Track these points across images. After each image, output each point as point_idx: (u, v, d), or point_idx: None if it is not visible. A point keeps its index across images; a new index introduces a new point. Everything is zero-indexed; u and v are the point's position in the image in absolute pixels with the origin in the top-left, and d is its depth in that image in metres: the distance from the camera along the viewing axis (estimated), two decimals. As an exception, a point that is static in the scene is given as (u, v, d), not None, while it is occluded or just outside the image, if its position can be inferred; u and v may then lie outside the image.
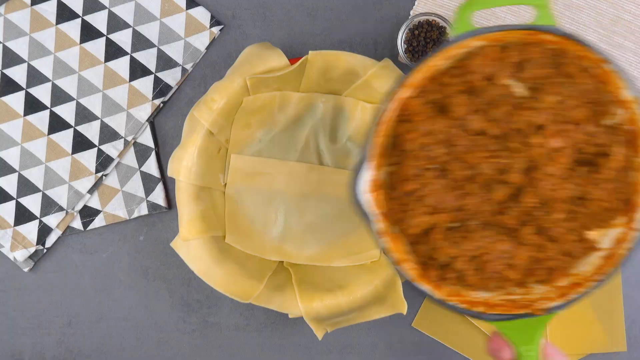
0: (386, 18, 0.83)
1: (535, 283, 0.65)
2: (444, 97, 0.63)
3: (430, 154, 0.63)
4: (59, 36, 0.83)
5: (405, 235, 0.64)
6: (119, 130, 0.83)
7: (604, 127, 0.64)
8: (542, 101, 0.64)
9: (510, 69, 0.64)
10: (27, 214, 0.82)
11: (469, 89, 0.64)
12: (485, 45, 0.62)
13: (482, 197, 0.63)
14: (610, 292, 0.82)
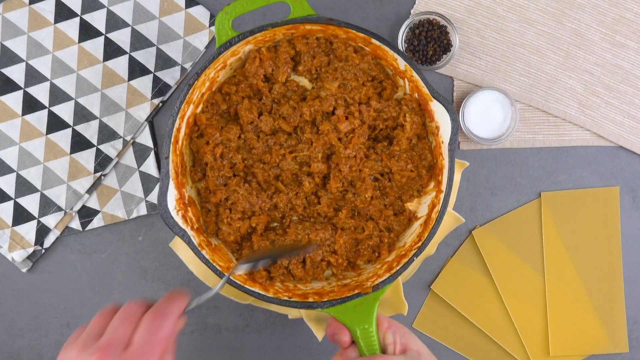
0: (386, 17, 0.83)
1: (365, 263, 0.67)
2: (232, 106, 0.66)
3: (230, 162, 0.66)
4: (57, 35, 0.83)
5: (226, 244, 0.67)
6: (118, 130, 0.83)
7: (392, 100, 0.68)
8: (326, 89, 0.67)
9: (286, 65, 0.67)
10: (25, 214, 0.82)
11: (254, 92, 0.68)
12: (257, 48, 0.65)
13: (292, 192, 0.66)
14: (612, 293, 0.82)
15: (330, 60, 0.68)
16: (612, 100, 0.83)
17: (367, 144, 0.68)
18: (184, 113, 0.65)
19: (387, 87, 0.69)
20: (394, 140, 0.67)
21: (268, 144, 0.68)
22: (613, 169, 0.83)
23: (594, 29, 0.83)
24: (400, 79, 0.68)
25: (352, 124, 0.67)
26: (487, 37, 0.83)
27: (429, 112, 0.66)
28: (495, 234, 0.83)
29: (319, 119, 0.68)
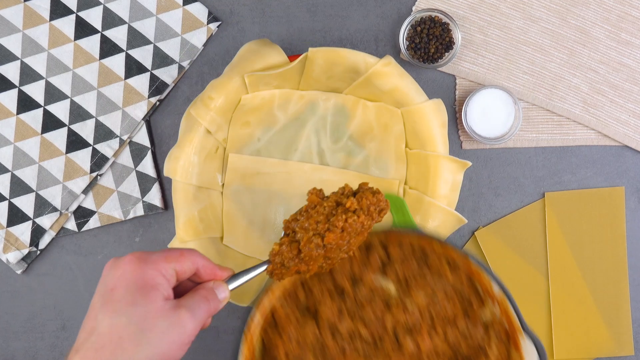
0: (387, 14, 0.83)
1: None
2: (311, 301, 0.64)
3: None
4: (52, 33, 0.82)
5: None
6: (114, 129, 0.82)
7: (479, 323, 0.63)
8: (413, 297, 0.63)
9: (376, 267, 0.64)
10: (20, 215, 0.82)
11: (338, 291, 0.64)
12: None
13: None
14: (618, 296, 0.82)
15: (421, 268, 0.64)
16: (617, 99, 0.82)
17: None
18: (263, 305, 0.62)
19: (474, 303, 0.64)
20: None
21: (344, 347, 0.64)
22: (618, 169, 0.83)
23: (599, 27, 0.82)
24: (490, 300, 0.63)
25: (435, 342, 0.63)
26: (490, 34, 0.82)
27: (516, 345, 0.62)
28: (498, 234, 0.82)
29: (401, 329, 0.63)
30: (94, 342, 0.50)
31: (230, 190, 0.80)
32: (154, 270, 0.53)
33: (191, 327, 0.53)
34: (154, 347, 0.51)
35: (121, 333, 0.50)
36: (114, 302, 0.51)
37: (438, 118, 0.76)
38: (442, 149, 0.76)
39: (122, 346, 0.50)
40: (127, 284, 0.52)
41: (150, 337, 0.51)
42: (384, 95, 0.77)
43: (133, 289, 0.52)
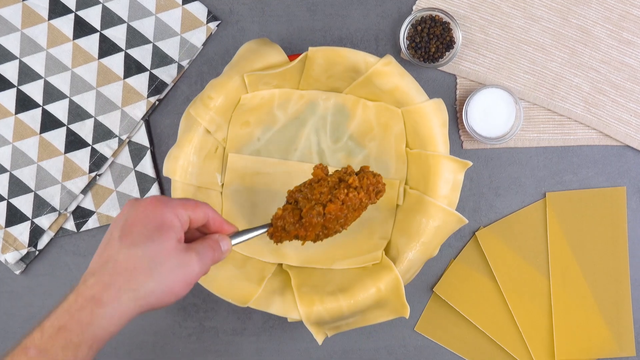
0: (388, 13, 0.83)
1: None
2: None
3: None
4: (51, 32, 0.82)
5: None
6: (113, 128, 0.82)
7: None
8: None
9: None
10: (19, 215, 0.81)
11: None
12: None
13: None
14: (619, 296, 0.82)
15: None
16: (618, 98, 0.82)
17: None
18: None
19: None
20: None
21: None
22: (620, 169, 0.83)
23: (600, 26, 0.82)
24: None
25: None
26: (490, 33, 0.82)
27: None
28: (499, 235, 0.82)
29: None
30: (111, 268, 0.56)
31: (230, 190, 0.80)
32: (172, 214, 0.59)
33: (197, 269, 0.59)
34: (162, 280, 0.56)
35: (136, 264, 0.56)
36: (132, 236, 0.57)
37: (439, 118, 0.75)
38: (442, 149, 0.75)
39: (135, 275, 0.56)
40: (146, 221, 0.58)
41: (160, 271, 0.56)
42: (385, 95, 0.76)
43: (151, 227, 0.57)
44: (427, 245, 0.74)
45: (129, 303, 0.55)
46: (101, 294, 0.55)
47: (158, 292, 0.57)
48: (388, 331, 0.83)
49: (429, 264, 0.82)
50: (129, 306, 0.56)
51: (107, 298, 0.55)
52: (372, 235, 0.79)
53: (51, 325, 0.54)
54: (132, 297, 0.55)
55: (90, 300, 0.55)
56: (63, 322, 0.54)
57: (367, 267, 0.77)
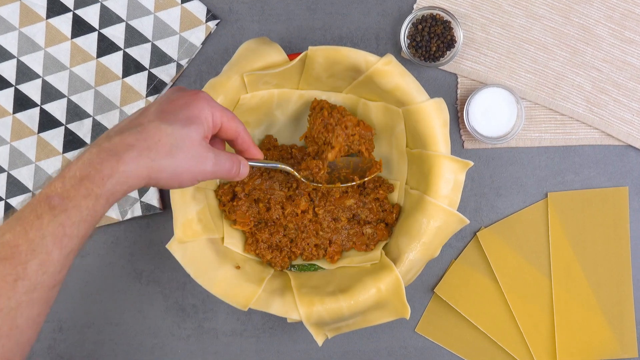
0: (388, 12, 0.83)
1: None
2: None
3: None
4: (49, 31, 0.82)
5: None
6: None
7: None
8: None
9: None
10: None
11: None
12: None
13: None
14: (621, 297, 0.82)
15: None
16: (621, 97, 0.82)
17: None
18: None
19: None
20: None
21: None
22: (622, 169, 0.83)
23: (602, 25, 0.82)
24: None
25: None
26: (492, 32, 0.82)
27: None
28: (501, 235, 0.82)
29: None
30: (137, 132, 0.58)
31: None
32: (208, 112, 0.62)
33: (209, 170, 0.62)
34: (176, 163, 0.59)
35: (161, 138, 0.58)
36: (167, 114, 0.60)
37: (439, 117, 0.75)
38: (443, 149, 0.75)
39: (157, 147, 0.58)
40: (185, 108, 0.61)
41: (178, 154, 0.59)
42: (385, 94, 0.76)
43: (186, 114, 0.61)
44: (428, 246, 0.74)
45: (143, 169, 0.58)
46: (123, 152, 0.57)
47: (168, 172, 0.59)
48: (388, 332, 0.83)
49: (430, 264, 0.82)
50: (142, 172, 0.58)
51: (127, 157, 0.57)
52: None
53: (73, 176, 0.56)
54: (148, 165, 0.58)
55: (112, 154, 0.57)
56: (85, 172, 0.56)
57: (367, 267, 0.77)
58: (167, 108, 0.61)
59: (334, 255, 0.79)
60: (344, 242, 0.79)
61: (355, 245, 0.79)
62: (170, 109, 0.61)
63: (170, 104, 0.61)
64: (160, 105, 0.61)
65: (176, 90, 0.63)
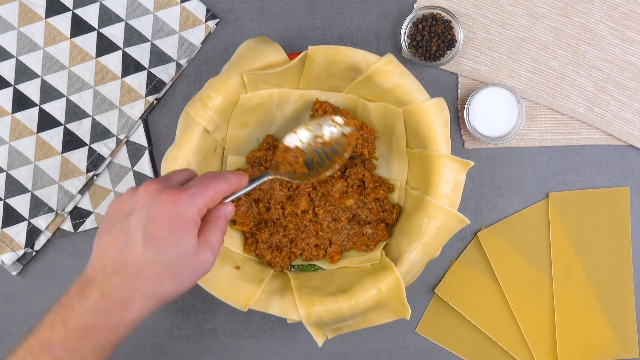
0: (389, 11, 0.83)
1: None
2: None
3: None
4: (48, 30, 0.82)
5: None
6: (111, 128, 0.82)
7: None
8: None
9: None
10: (15, 215, 0.81)
11: None
12: None
13: None
14: (622, 297, 0.82)
15: None
16: (622, 97, 0.82)
17: None
18: None
19: None
20: None
21: None
22: (623, 169, 0.83)
23: (603, 24, 0.82)
24: None
25: None
26: (492, 32, 0.82)
27: None
28: (501, 235, 0.82)
29: None
30: (136, 271, 0.56)
31: (229, 191, 0.79)
32: (193, 210, 0.58)
33: (211, 263, 0.59)
34: (183, 282, 0.58)
35: (162, 271, 0.56)
36: (158, 241, 0.56)
37: (440, 117, 0.75)
38: (444, 149, 0.75)
39: (161, 282, 0.57)
40: (170, 223, 0.57)
41: (182, 276, 0.58)
42: (385, 94, 0.76)
43: (175, 229, 0.57)
44: (428, 246, 0.74)
45: (151, 307, 0.58)
46: (128, 298, 0.56)
47: (178, 292, 0.59)
48: (389, 333, 0.83)
49: (430, 264, 0.82)
50: (151, 308, 0.58)
51: (134, 303, 0.56)
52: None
53: (77, 326, 0.55)
54: (155, 301, 0.58)
55: (118, 303, 0.56)
56: (90, 323, 0.55)
57: (368, 268, 0.77)
58: (154, 233, 0.56)
59: (334, 256, 0.79)
60: (344, 243, 0.79)
61: (356, 245, 0.79)
62: (158, 232, 0.56)
63: (155, 225, 0.56)
64: (145, 230, 0.56)
65: (151, 199, 0.57)
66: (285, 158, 0.72)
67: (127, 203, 0.58)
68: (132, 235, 0.57)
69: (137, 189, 0.58)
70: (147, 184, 0.58)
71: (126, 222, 0.57)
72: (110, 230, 0.58)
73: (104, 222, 0.60)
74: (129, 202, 0.58)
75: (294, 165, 0.73)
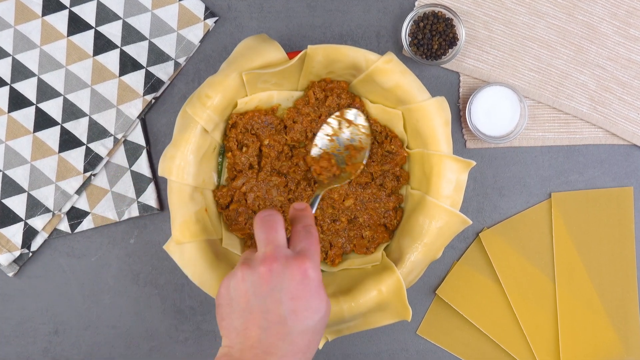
0: (389, 9, 0.83)
1: None
2: None
3: None
4: (45, 28, 0.81)
5: None
6: (109, 127, 0.81)
7: None
8: None
9: None
10: (12, 216, 0.81)
11: None
12: None
13: None
14: (626, 298, 0.82)
15: None
16: (625, 96, 0.81)
17: None
18: None
19: None
20: None
21: None
22: (627, 169, 0.82)
23: (607, 22, 0.81)
24: None
25: None
26: (494, 30, 0.81)
27: None
28: (504, 236, 0.82)
29: None
30: (289, 345, 0.59)
31: (228, 191, 0.79)
32: (319, 271, 0.61)
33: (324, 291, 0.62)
34: (322, 334, 0.63)
35: (311, 336, 0.60)
36: (301, 312, 0.59)
37: (441, 116, 0.75)
38: (445, 148, 0.75)
39: (310, 346, 0.61)
40: (308, 293, 0.60)
41: (321, 328, 0.62)
42: (386, 93, 0.76)
43: (312, 297, 0.60)
44: (429, 247, 0.73)
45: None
46: None
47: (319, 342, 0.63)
48: (390, 335, 0.83)
49: (432, 265, 0.82)
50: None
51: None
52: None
53: None
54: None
55: None
56: None
57: (368, 269, 0.77)
58: (295, 308, 0.59)
59: (335, 259, 0.78)
60: (345, 245, 0.79)
61: (356, 248, 0.78)
62: (299, 307, 0.59)
63: (295, 301, 0.60)
64: (287, 308, 0.59)
65: (283, 278, 0.60)
66: (322, 166, 0.76)
67: (246, 283, 0.60)
68: (272, 314, 0.59)
69: (255, 269, 0.60)
70: (268, 263, 0.60)
71: (258, 303, 0.59)
72: (242, 314, 0.60)
73: (224, 306, 0.62)
74: (247, 282, 0.60)
75: (331, 170, 0.76)
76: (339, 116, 0.77)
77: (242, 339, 0.60)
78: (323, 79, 0.77)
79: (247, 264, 0.61)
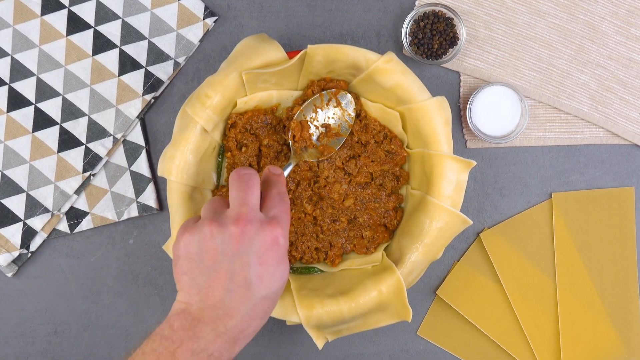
0: (390, 8, 0.83)
1: None
2: None
3: None
4: (44, 28, 0.81)
5: None
6: (108, 127, 0.81)
7: None
8: None
9: None
10: (10, 216, 0.81)
11: None
12: None
13: None
14: (627, 299, 0.81)
15: None
16: (626, 96, 0.81)
17: None
18: None
19: None
20: None
21: None
22: (628, 169, 0.82)
23: (608, 22, 0.81)
24: None
25: None
26: (495, 29, 0.81)
27: None
28: (504, 236, 0.82)
29: None
30: (249, 311, 0.60)
31: (228, 191, 0.79)
32: (287, 239, 0.62)
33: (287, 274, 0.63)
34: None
35: (270, 303, 0.61)
36: (266, 278, 0.60)
37: (442, 116, 0.75)
38: (445, 148, 0.75)
39: (268, 313, 0.62)
40: (276, 260, 0.61)
41: (280, 293, 0.63)
42: (386, 93, 0.76)
43: (279, 265, 0.61)
44: (430, 247, 0.73)
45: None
46: (239, 336, 0.60)
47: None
48: (390, 335, 0.83)
49: (432, 266, 0.81)
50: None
51: (243, 340, 0.61)
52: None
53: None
54: (259, 329, 0.63)
55: (230, 342, 0.60)
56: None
57: (368, 269, 0.77)
58: (262, 273, 0.60)
59: (335, 259, 0.78)
60: (345, 245, 0.78)
61: (356, 248, 0.78)
62: (266, 273, 0.60)
63: (263, 266, 0.60)
64: (254, 272, 0.60)
65: (255, 241, 0.59)
66: (302, 135, 0.76)
67: (215, 240, 0.59)
68: (238, 277, 0.59)
69: (227, 227, 0.59)
70: (242, 224, 0.59)
71: (226, 263, 0.59)
72: (206, 271, 0.59)
73: (187, 260, 0.60)
74: (217, 240, 0.59)
75: (307, 142, 0.76)
76: (333, 93, 0.76)
77: (203, 296, 0.59)
78: (323, 79, 0.77)
79: (217, 221, 0.59)
